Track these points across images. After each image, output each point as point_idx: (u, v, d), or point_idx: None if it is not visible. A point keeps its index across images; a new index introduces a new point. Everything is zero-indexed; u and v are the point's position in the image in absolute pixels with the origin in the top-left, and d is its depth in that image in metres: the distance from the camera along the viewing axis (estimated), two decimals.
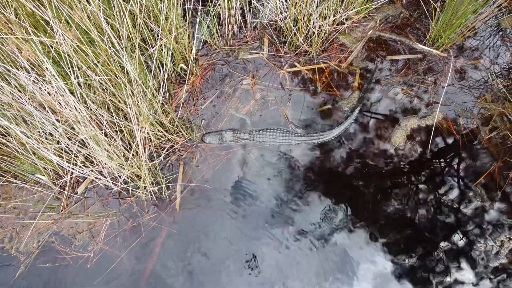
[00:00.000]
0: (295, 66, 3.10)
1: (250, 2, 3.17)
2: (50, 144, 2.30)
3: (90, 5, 2.19)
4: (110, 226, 2.55)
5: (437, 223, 2.57)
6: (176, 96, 2.95)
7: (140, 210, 2.60)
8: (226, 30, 3.14)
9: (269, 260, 2.47)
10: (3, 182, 2.60)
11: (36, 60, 2.13)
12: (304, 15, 2.83)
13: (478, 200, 2.62)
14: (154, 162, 2.64)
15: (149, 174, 2.51)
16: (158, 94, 2.55)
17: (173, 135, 2.76)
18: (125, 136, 2.54)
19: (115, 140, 2.39)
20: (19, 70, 2.06)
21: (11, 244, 2.50)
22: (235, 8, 2.97)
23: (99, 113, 2.34)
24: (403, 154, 2.79)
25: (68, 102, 2.15)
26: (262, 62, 3.13)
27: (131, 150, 2.39)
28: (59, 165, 2.46)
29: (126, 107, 2.28)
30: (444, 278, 2.42)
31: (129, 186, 2.58)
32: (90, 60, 2.23)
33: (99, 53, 2.26)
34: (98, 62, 2.22)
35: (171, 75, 2.96)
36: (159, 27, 2.49)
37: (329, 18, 2.88)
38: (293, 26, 2.98)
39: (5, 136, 2.33)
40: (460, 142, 2.80)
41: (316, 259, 2.47)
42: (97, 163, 2.46)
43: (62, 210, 2.58)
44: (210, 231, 2.56)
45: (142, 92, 2.38)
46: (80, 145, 2.36)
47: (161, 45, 2.66)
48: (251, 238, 2.54)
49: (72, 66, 2.15)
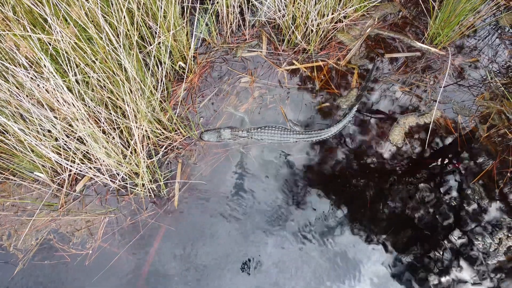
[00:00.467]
0: (294, 64, 3.10)
1: (249, 0, 3.18)
2: (49, 141, 2.30)
3: (88, 2, 2.19)
4: (109, 224, 2.55)
5: (435, 221, 2.57)
6: (175, 94, 2.95)
7: (139, 208, 2.60)
8: (225, 28, 3.15)
9: (268, 258, 2.48)
10: (2, 180, 2.61)
11: (34, 57, 2.14)
12: (302, 13, 2.84)
13: (477, 198, 2.62)
14: (153, 160, 2.64)
15: (148, 172, 2.51)
16: (156, 92, 2.55)
17: (172, 133, 2.76)
18: (123, 134, 2.54)
19: (113, 138, 2.39)
20: (17, 67, 2.06)
21: (10, 242, 2.50)
22: (234, 6, 2.97)
23: (97, 111, 2.35)
24: (401, 152, 2.79)
25: (66, 100, 2.15)
26: (261, 60, 3.14)
27: (129, 148, 2.39)
28: (57, 163, 2.46)
29: (124, 105, 2.28)
30: (443, 277, 2.42)
31: (128, 184, 2.58)
32: (88, 58, 2.23)
33: (97, 51, 2.26)
34: (96, 60, 2.23)
35: (170, 73, 2.96)
36: (157, 25, 2.49)
37: (327, 16, 2.88)
38: (292, 24, 2.98)
39: (3, 134, 2.33)
40: (459, 140, 2.81)
41: (316, 258, 2.47)
42: (95, 161, 2.46)
43: (61, 208, 2.59)
44: (208, 228, 2.56)
45: (140, 90, 2.39)
46: (78, 143, 2.37)
47: (159, 43, 2.66)
48: (250, 236, 2.54)
49: (70, 64, 2.15)
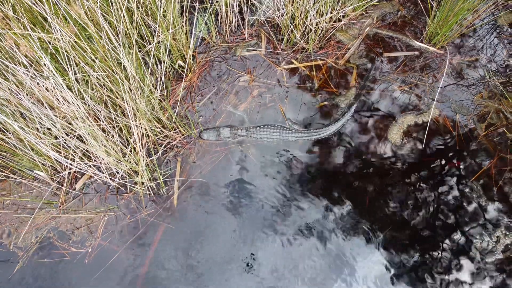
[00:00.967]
0: (292, 63, 3.11)
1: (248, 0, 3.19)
2: (48, 140, 2.31)
3: (88, 1, 2.20)
4: (108, 222, 2.57)
5: (433, 220, 2.58)
6: (174, 93, 2.96)
7: (138, 206, 2.61)
8: (224, 27, 3.16)
9: (267, 256, 2.49)
10: (2, 178, 2.62)
11: (34, 56, 2.15)
12: (301, 12, 2.85)
13: (475, 197, 2.63)
14: (152, 158, 2.65)
15: (147, 170, 2.52)
16: (156, 91, 2.56)
17: (171, 132, 2.77)
18: (123, 132, 2.55)
19: (113, 136, 2.40)
20: (17, 66, 2.07)
21: (10, 240, 2.51)
22: (233, 5, 2.98)
23: (97, 109, 2.36)
24: (399, 151, 2.80)
25: (66, 98, 2.17)
26: (260, 59, 3.15)
27: (129, 146, 2.41)
28: (57, 161, 2.47)
29: (124, 103, 2.29)
30: (440, 275, 2.43)
31: (127, 182, 2.59)
32: (88, 56, 2.24)
33: (97, 49, 2.27)
34: (96, 58, 2.24)
35: (169, 72, 2.98)
36: (157, 24, 2.50)
37: (326, 15, 2.89)
38: (290, 23, 2.99)
39: (4, 132, 2.34)
40: (457, 139, 2.82)
41: (315, 258, 2.48)
42: (95, 159, 2.48)
43: (60, 206, 2.60)
44: (207, 226, 2.57)
45: (140, 88, 2.40)
46: (78, 141, 2.38)
47: (159, 42, 2.67)
48: (249, 234, 2.55)
49: (70, 62, 2.16)
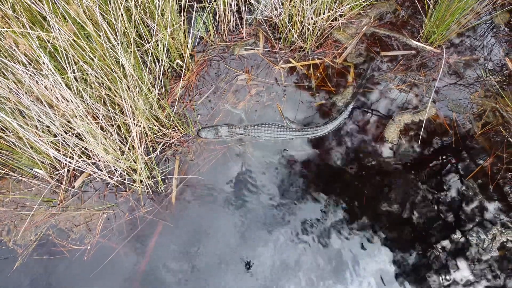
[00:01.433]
0: (290, 62, 3.13)
1: None
2: (47, 137, 2.33)
3: (87, 0, 2.22)
4: (107, 220, 2.58)
5: (429, 218, 2.60)
6: (172, 92, 2.98)
7: (137, 204, 2.63)
8: (222, 26, 3.18)
9: (267, 255, 2.51)
10: (1, 175, 2.64)
11: (33, 55, 2.17)
12: (299, 11, 2.87)
13: (471, 195, 2.65)
14: (150, 157, 2.67)
15: (145, 168, 2.54)
16: (154, 89, 2.58)
17: (169, 130, 2.79)
18: (121, 131, 2.57)
19: (111, 134, 2.42)
20: (16, 64, 2.09)
21: (9, 237, 2.53)
22: (231, 5, 3.00)
23: (96, 107, 2.38)
24: (396, 149, 2.82)
25: (65, 96, 2.18)
26: (258, 58, 3.17)
27: (127, 144, 2.42)
28: (56, 159, 2.49)
29: (122, 101, 2.31)
30: (436, 274, 2.45)
31: (126, 180, 2.61)
32: (87, 55, 2.26)
33: (96, 48, 2.29)
34: (95, 57, 2.26)
35: (167, 71, 3.00)
36: (155, 23, 2.52)
37: (324, 15, 2.91)
38: (288, 22, 3.01)
39: (3, 130, 2.36)
40: (453, 137, 2.84)
41: (316, 257, 2.50)
42: (94, 157, 2.49)
43: (60, 204, 2.62)
44: (205, 224, 2.59)
45: (138, 87, 2.42)
46: (77, 139, 2.40)
47: (157, 41, 2.69)
48: (246, 232, 2.57)
49: (69, 61, 2.18)
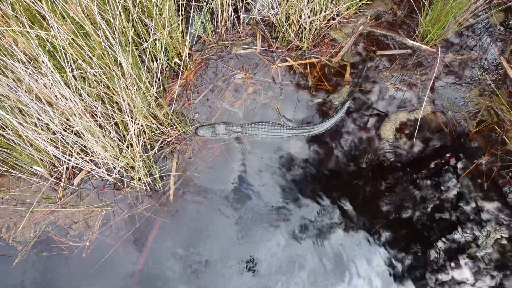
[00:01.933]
0: (287, 61, 3.16)
1: None
2: (47, 135, 2.36)
3: (85, 0, 2.25)
4: (106, 217, 2.61)
5: (423, 215, 2.63)
6: (170, 90, 3.01)
7: (135, 201, 2.66)
8: (219, 26, 3.21)
9: (266, 254, 2.54)
10: (1, 173, 2.67)
11: (32, 53, 2.19)
12: (296, 11, 2.89)
13: (466, 192, 2.68)
14: (148, 154, 2.70)
15: (144, 166, 2.57)
16: (152, 88, 2.61)
17: (167, 128, 2.82)
18: (120, 128, 2.60)
19: (110, 132, 2.45)
20: (16, 63, 2.12)
21: (9, 234, 2.56)
22: (228, 4, 3.03)
23: (94, 105, 2.40)
24: (392, 147, 2.85)
25: (64, 94, 2.21)
26: (255, 57, 3.20)
27: (125, 142, 2.45)
28: (55, 156, 2.51)
29: (120, 100, 2.34)
30: (433, 273, 2.48)
31: (124, 177, 2.64)
32: (85, 54, 2.29)
33: (94, 47, 2.32)
34: (93, 56, 2.28)
35: (166, 70, 3.02)
36: (153, 22, 2.55)
37: (320, 14, 2.94)
38: (285, 22, 3.04)
39: (3, 128, 2.39)
40: (449, 135, 2.87)
41: (315, 256, 2.52)
42: (92, 154, 2.52)
43: (59, 201, 2.65)
44: (203, 221, 2.62)
45: (136, 85, 2.44)
46: (76, 137, 2.42)
47: (155, 40, 2.72)
48: (243, 230, 2.60)
49: (68, 59, 2.21)
